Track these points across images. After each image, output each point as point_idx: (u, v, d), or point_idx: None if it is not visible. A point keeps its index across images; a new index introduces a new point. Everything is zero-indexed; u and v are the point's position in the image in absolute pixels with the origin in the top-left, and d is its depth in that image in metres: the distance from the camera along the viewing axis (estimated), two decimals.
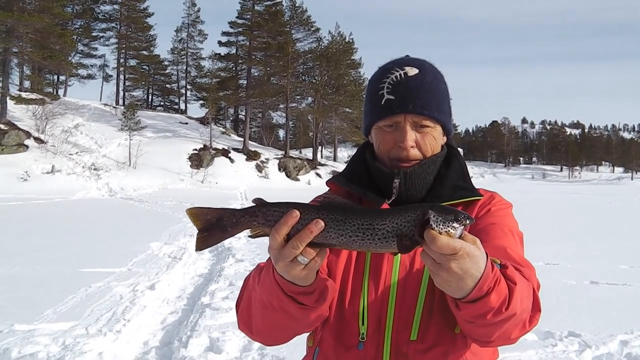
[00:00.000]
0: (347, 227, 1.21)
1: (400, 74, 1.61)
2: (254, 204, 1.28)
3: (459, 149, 1.81)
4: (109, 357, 5.16)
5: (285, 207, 1.24)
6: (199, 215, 1.29)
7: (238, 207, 1.37)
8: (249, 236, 1.29)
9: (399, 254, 1.36)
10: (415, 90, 1.58)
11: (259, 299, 1.47)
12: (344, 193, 1.71)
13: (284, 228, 1.22)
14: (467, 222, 1.15)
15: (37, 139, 39.86)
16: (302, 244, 1.22)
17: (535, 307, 1.41)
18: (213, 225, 1.28)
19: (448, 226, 1.14)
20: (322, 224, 1.21)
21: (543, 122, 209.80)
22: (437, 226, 1.14)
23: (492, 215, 1.63)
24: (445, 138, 1.69)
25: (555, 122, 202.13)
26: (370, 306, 1.55)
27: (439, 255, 1.15)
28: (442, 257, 1.15)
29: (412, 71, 1.61)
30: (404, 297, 1.55)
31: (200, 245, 1.30)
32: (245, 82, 59.19)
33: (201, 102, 65.23)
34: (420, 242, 1.16)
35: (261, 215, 1.26)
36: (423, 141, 1.60)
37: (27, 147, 38.44)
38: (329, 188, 1.78)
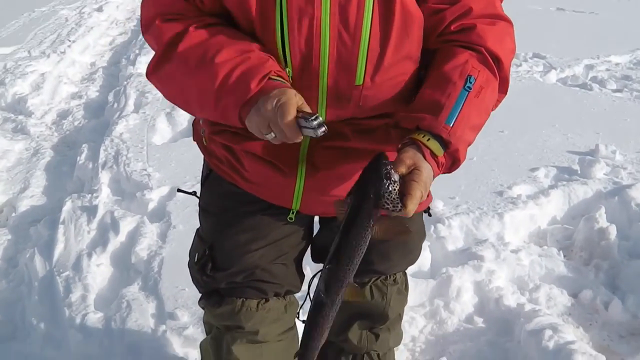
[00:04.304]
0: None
1: None
2: None
3: None
4: (52, 77, 5.03)
5: None
6: None
7: None
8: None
9: None
10: None
11: (197, 87, 1.23)
12: None
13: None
14: (397, 186, 1.11)
15: None
16: None
17: (502, 91, 1.31)
18: None
19: (398, 202, 1.12)
20: None
21: None
22: (394, 208, 1.12)
23: None
24: None
25: None
26: (293, 42, 1.19)
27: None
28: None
29: None
30: (341, 31, 1.19)
31: None
32: None
33: None
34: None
35: None
36: None
37: None
38: None
